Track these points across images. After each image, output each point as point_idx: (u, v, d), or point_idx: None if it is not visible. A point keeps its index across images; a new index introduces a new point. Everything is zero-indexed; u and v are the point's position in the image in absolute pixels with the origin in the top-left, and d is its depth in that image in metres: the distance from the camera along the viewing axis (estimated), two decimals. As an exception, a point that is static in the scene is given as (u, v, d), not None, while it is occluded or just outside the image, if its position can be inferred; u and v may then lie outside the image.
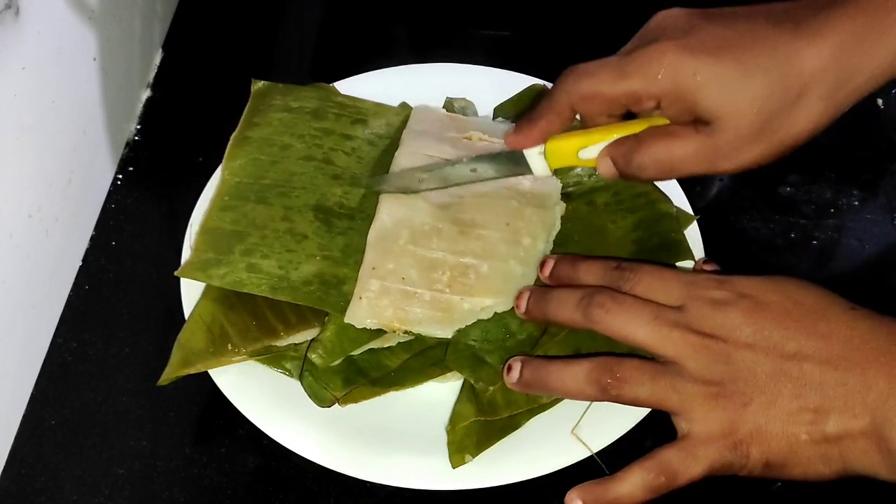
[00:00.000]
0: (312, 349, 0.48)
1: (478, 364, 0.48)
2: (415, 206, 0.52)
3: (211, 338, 0.49)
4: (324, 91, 0.60)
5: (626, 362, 0.43)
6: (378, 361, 0.49)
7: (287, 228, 0.51)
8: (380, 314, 0.48)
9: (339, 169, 0.55)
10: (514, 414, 0.48)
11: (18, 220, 0.49)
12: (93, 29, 0.56)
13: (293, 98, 0.58)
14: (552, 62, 0.66)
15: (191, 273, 0.49)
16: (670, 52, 0.43)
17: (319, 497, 0.48)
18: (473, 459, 0.46)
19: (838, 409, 0.39)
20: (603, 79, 0.45)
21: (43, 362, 0.53)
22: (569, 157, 0.49)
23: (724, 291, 0.43)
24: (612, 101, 0.46)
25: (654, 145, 0.46)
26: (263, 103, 0.58)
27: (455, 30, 0.72)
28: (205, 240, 0.51)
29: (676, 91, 0.44)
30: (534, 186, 0.53)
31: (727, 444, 0.40)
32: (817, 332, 0.40)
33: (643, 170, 0.46)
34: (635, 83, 0.44)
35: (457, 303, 0.49)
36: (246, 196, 0.53)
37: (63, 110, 0.54)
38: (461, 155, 0.54)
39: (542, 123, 0.49)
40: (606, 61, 0.46)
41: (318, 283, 0.49)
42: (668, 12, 0.46)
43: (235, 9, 0.73)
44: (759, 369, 0.40)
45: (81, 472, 0.49)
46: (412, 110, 0.59)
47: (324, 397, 0.47)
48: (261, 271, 0.49)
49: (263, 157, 0.55)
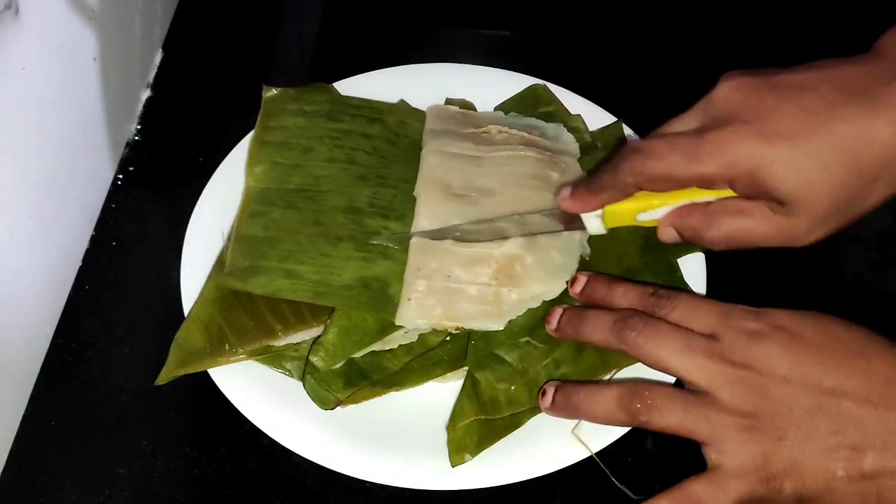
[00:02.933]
0: (314, 352, 0.48)
1: (497, 363, 0.48)
2: (452, 206, 0.52)
3: (208, 337, 0.49)
4: (335, 93, 0.59)
5: (657, 389, 0.43)
6: (379, 363, 0.49)
7: (319, 232, 0.51)
8: (429, 313, 0.48)
9: (363, 169, 0.55)
10: (515, 413, 0.48)
11: (18, 220, 0.49)
12: (93, 29, 0.56)
13: (305, 102, 0.58)
14: (552, 62, 0.66)
15: (231, 283, 0.49)
16: (747, 138, 0.42)
17: (319, 497, 0.48)
18: (473, 459, 0.47)
19: (878, 447, 0.39)
20: (674, 162, 0.44)
21: (43, 362, 0.53)
22: (626, 219, 0.49)
23: (760, 323, 0.42)
24: (683, 182, 0.45)
25: (726, 221, 0.45)
26: (276, 108, 0.57)
27: (455, 30, 0.72)
28: (239, 248, 0.50)
29: (751, 177, 0.43)
30: (562, 178, 0.54)
31: (759, 478, 0.40)
32: (856, 370, 0.40)
33: (714, 244, 0.47)
34: (709, 167, 0.43)
35: (505, 294, 0.49)
36: (273, 201, 0.52)
37: (63, 110, 0.53)
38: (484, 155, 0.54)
39: (603, 196, 0.48)
40: (675, 141, 0.44)
41: (361, 287, 0.49)
42: (736, 83, 0.44)
43: (235, 9, 0.73)
44: (796, 404, 0.40)
45: (81, 472, 0.49)
46: (427, 109, 0.59)
47: (326, 399, 0.47)
48: (300, 277, 0.49)
49: (284, 160, 0.54)
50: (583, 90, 0.61)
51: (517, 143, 0.55)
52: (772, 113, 0.43)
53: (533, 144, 0.56)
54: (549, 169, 0.54)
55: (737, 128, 0.43)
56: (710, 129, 0.44)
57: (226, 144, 0.58)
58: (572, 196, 0.50)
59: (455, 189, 0.53)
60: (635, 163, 0.45)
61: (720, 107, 0.44)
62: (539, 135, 0.57)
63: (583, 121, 0.60)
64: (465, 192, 0.53)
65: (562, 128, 0.58)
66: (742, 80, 0.44)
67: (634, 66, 0.70)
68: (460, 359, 0.49)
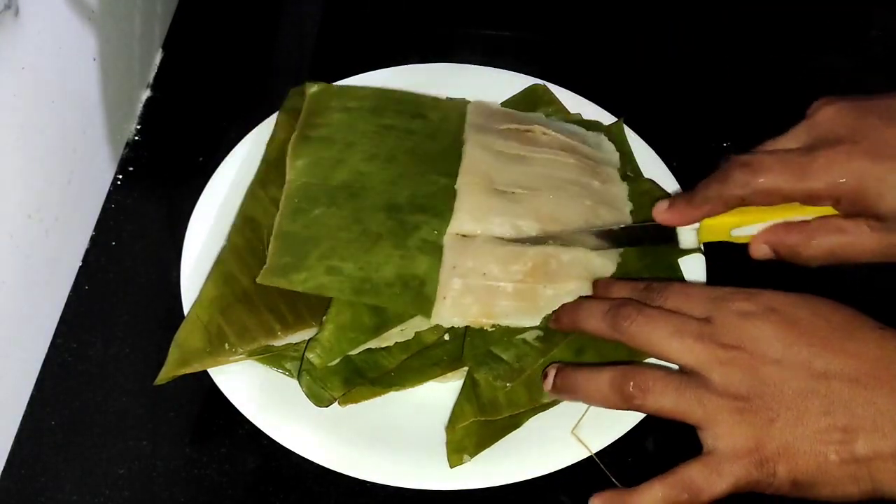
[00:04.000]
0: (310, 349, 0.47)
1: (494, 361, 0.48)
2: (494, 202, 0.52)
3: (208, 337, 0.49)
4: (379, 90, 0.59)
5: (649, 372, 0.43)
6: (376, 361, 0.49)
7: (361, 230, 0.51)
8: (465, 312, 0.48)
9: (403, 167, 0.54)
10: (515, 414, 0.48)
11: (18, 220, 0.49)
12: (93, 29, 0.56)
13: (349, 98, 0.58)
14: (552, 62, 0.66)
15: (272, 279, 0.49)
16: (857, 156, 0.44)
17: (319, 497, 0.48)
18: (473, 459, 0.46)
19: (868, 428, 0.39)
20: (783, 177, 0.46)
21: (43, 362, 0.53)
22: (721, 234, 0.49)
23: (752, 305, 0.43)
24: (789, 197, 0.46)
25: (827, 239, 0.46)
26: (321, 104, 0.57)
27: (455, 30, 0.72)
28: (280, 245, 0.50)
29: (858, 193, 0.44)
30: (602, 188, 0.54)
31: (753, 460, 0.40)
32: (846, 351, 0.40)
33: (813, 259, 0.47)
34: (818, 184, 0.45)
35: (540, 290, 0.49)
36: (316, 198, 0.52)
37: (63, 110, 0.54)
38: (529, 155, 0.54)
39: (706, 208, 0.48)
40: (783, 158, 0.46)
41: (400, 285, 0.49)
42: (838, 107, 0.46)
43: (235, 9, 0.73)
44: (787, 386, 0.40)
45: (81, 472, 0.49)
46: (469, 104, 0.59)
47: (322, 397, 0.47)
48: (341, 274, 0.49)
49: (327, 156, 0.54)
50: (583, 90, 0.62)
51: (559, 147, 0.55)
52: (877, 134, 0.45)
53: (575, 150, 0.55)
54: (591, 177, 0.54)
55: (847, 147, 0.45)
56: (820, 148, 0.45)
57: (226, 144, 0.58)
58: (671, 209, 0.50)
59: (498, 185, 0.53)
60: (745, 176, 0.46)
61: (825, 128, 0.46)
62: (580, 141, 0.57)
63: (582, 119, 0.59)
64: (509, 189, 0.53)
65: (602, 136, 0.58)
66: (843, 103, 0.47)
67: (634, 66, 0.70)
68: (460, 358, 0.49)
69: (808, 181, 0.45)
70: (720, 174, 0.47)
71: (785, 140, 0.48)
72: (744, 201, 0.47)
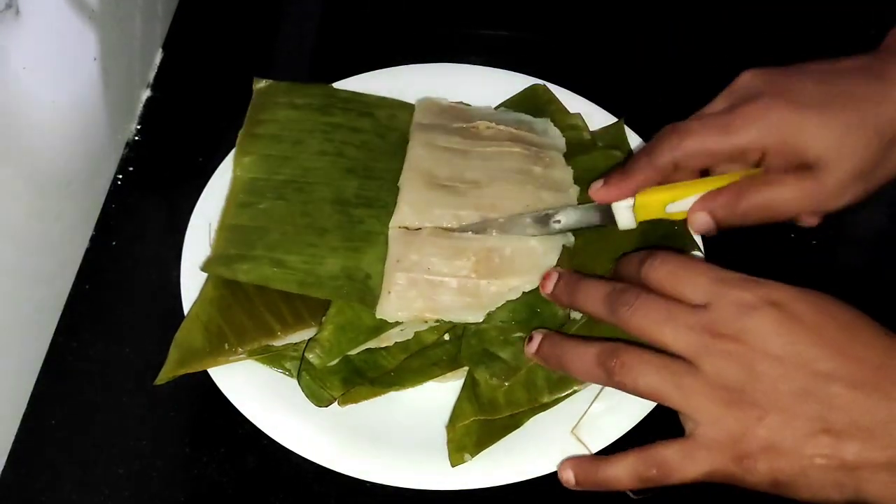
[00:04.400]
0: (310, 349, 0.48)
1: (491, 359, 0.48)
2: (435, 195, 0.52)
3: (208, 337, 0.49)
4: (326, 87, 0.60)
5: (634, 350, 0.42)
6: (375, 361, 0.49)
7: (307, 223, 0.52)
8: (409, 306, 0.48)
9: (351, 162, 0.55)
10: (514, 413, 0.48)
11: (18, 220, 0.49)
12: (93, 29, 0.56)
13: (297, 95, 0.58)
14: (552, 62, 0.66)
15: (214, 268, 0.50)
16: (777, 107, 0.46)
17: (319, 497, 0.48)
18: (472, 459, 0.46)
19: (862, 437, 0.38)
20: (709, 136, 0.47)
21: (43, 362, 0.53)
22: (656, 211, 0.50)
23: (755, 296, 0.41)
24: (718, 156, 0.48)
25: (757, 192, 0.47)
26: (267, 101, 0.58)
27: (455, 30, 0.72)
28: (225, 236, 0.51)
29: (784, 143, 0.46)
30: (545, 172, 0.54)
31: (732, 454, 0.39)
32: (849, 354, 0.39)
33: (747, 217, 0.48)
34: (744, 138, 0.46)
35: (484, 286, 0.49)
36: (262, 192, 0.53)
37: (63, 110, 0.54)
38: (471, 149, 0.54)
39: (639, 177, 0.49)
40: (707, 119, 0.48)
41: (345, 278, 0.49)
42: (757, 70, 0.48)
43: (235, 9, 0.73)
44: (783, 384, 0.39)
45: (81, 472, 0.49)
46: (416, 102, 0.59)
47: (321, 397, 0.47)
48: (286, 266, 0.50)
49: (274, 153, 0.55)
50: (583, 90, 0.61)
51: (504, 139, 0.56)
52: (796, 87, 0.47)
53: (520, 140, 0.56)
54: (533, 163, 0.54)
55: (767, 100, 0.46)
56: (741, 105, 0.47)
57: (226, 144, 0.58)
58: (606, 185, 0.50)
59: (440, 180, 0.53)
60: (672, 140, 0.48)
61: (745, 87, 0.48)
62: (527, 130, 0.57)
63: (582, 119, 0.60)
64: (451, 183, 0.53)
65: (549, 122, 0.58)
66: (763, 69, 0.48)
67: (634, 66, 0.70)
68: (459, 359, 0.49)
69: (733, 136, 0.46)
70: (649, 144, 0.49)
71: (711, 106, 0.49)
72: (676, 166, 0.48)
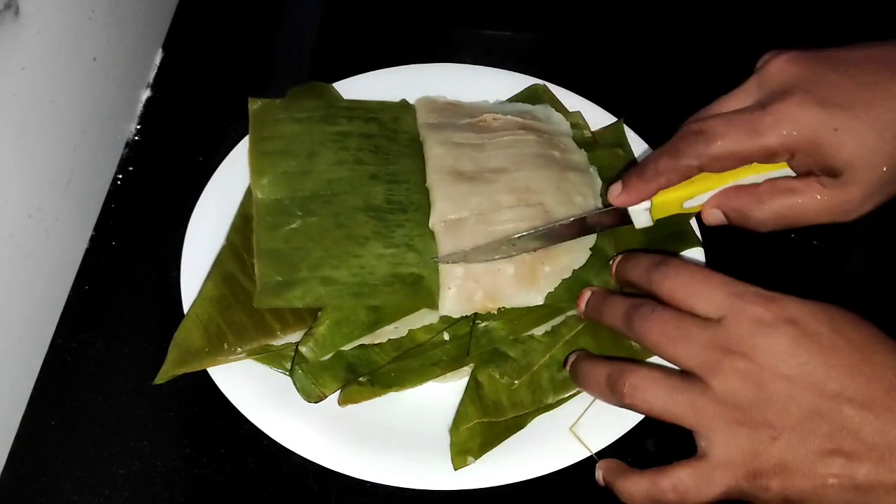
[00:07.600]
0: (303, 342, 0.48)
1: (501, 358, 0.48)
2: (468, 188, 0.52)
3: (207, 337, 0.49)
4: (324, 98, 0.59)
5: (644, 371, 0.42)
6: (368, 358, 0.49)
7: (345, 235, 0.50)
8: (471, 298, 0.48)
9: (372, 167, 0.54)
10: (518, 415, 0.48)
11: (18, 220, 0.49)
12: (93, 29, 0.56)
13: (296, 110, 0.57)
14: (552, 62, 0.66)
15: (267, 301, 0.48)
16: (809, 107, 0.43)
17: (319, 497, 0.48)
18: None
19: (874, 459, 0.37)
20: (736, 140, 0.44)
21: (43, 362, 0.53)
22: (674, 208, 0.49)
23: (771, 312, 0.40)
24: (745, 158, 0.45)
25: (776, 200, 0.45)
26: (266, 118, 0.56)
27: (455, 30, 0.72)
28: (266, 263, 0.49)
29: (813, 145, 0.43)
30: (564, 156, 0.55)
31: (745, 472, 0.39)
32: (862, 374, 0.38)
33: (763, 224, 0.46)
34: (773, 139, 0.44)
35: (539, 268, 0.49)
36: (289, 212, 0.52)
37: (63, 110, 0.54)
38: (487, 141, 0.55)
39: (661, 181, 0.47)
40: (733, 119, 0.45)
41: (399, 282, 0.49)
42: (788, 57, 0.45)
43: (235, 9, 0.73)
44: (795, 404, 0.39)
45: (81, 472, 0.49)
46: (416, 102, 0.59)
47: (311, 392, 0.47)
48: (337, 282, 0.49)
49: (291, 169, 0.54)
50: (583, 90, 0.62)
51: (515, 128, 0.56)
52: (828, 83, 0.43)
53: (529, 128, 0.56)
54: (551, 148, 0.55)
55: (798, 98, 0.43)
56: (771, 102, 0.44)
57: (226, 144, 0.58)
58: (626, 189, 0.48)
59: (467, 174, 0.53)
60: (698, 146, 0.45)
61: (776, 79, 0.45)
62: (531, 118, 0.57)
63: (582, 117, 0.60)
64: (478, 175, 0.53)
65: (549, 108, 0.59)
66: (792, 54, 0.45)
67: (634, 66, 0.70)
68: (460, 359, 0.49)
69: (761, 139, 0.44)
70: (671, 146, 0.46)
71: (735, 97, 0.46)
72: (700, 170, 0.46)
